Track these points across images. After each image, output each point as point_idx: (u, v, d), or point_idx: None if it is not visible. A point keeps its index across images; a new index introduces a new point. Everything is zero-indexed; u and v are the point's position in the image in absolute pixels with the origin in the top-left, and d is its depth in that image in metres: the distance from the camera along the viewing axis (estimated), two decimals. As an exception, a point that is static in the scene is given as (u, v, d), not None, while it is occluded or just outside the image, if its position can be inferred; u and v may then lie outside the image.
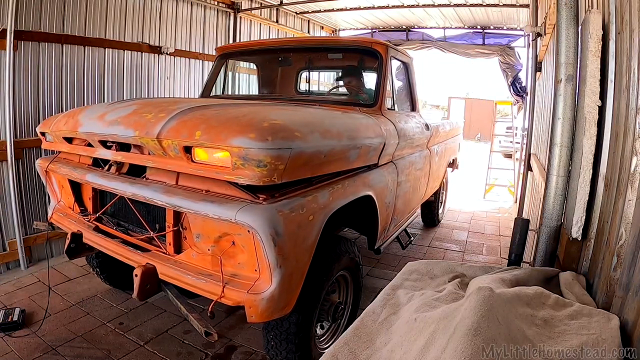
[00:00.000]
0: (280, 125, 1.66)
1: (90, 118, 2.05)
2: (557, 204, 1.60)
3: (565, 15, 1.53)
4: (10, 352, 2.25)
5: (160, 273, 1.81)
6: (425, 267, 1.57)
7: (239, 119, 1.71)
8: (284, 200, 1.61)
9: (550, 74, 3.08)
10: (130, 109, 1.96)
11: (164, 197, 1.70)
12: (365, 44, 3.04)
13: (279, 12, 6.29)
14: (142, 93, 4.29)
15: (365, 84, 3.17)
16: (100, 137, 1.96)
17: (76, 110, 2.36)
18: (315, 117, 2.05)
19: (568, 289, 1.30)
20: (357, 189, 2.11)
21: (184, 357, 2.31)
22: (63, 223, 2.41)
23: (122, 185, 1.89)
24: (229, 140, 1.53)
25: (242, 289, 1.59)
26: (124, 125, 1.84)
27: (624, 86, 1.23)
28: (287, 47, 3.40)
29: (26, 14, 3.18)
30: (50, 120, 2.41)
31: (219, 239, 1.70)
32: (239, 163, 1.52)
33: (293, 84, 3.79)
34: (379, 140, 2.37)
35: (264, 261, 1.55)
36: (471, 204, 6.69)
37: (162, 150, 1.71)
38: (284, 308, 1.67)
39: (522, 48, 6.51)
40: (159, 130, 1.69)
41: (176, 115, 1.76)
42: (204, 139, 1.59)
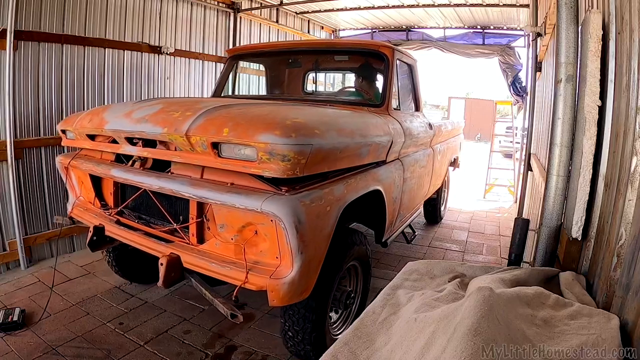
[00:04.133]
0: (301, 124, 1.80)
1: (116, 116, 2.15)
2: (557, 204, 1.60)
3: (565, 15, 1.53)
4: (10, 352, 2.24)
5: (184, 262, 1.93)
6: (425, 267, 1.57)
7: (263, 117, 1.86)
8: (305, 192, 1.74)
9: (550, 74, 3.08)
10: (156, 108, 2.07)
11: (191, 190, 1.82)
12: (372, 46, 3.15)
13: (279, 12, 6.28)
14: (142, 93, 4.29)
15: (372, 85, 3.28)
16: (127, 134, 2.06)
17: (99, 108, 2.47)
18: (330, 116, 2.19)
19: (568, 289, 1.30)
20: (368, 184, 2.24)
21: (184, 357, 2.31)
22: (84, 217, 2.50)
23: (149, 179, 2.00)
24: (256, 137, 1.64)
25: (265, 275, 1.71)
26: (152, 122, 1.95)
27: (624, 86, 1.23)
28: (297, 49, 3.57)
29: (26, 14, 3.18)
30: (72, 118, 2.50)
31: (242, 229, 1.82)
32: (265, 157, 1.63)
33: (302, 84, 3.92)
34: (387, 139, 2.50)
35: (286, 248, 1.67)
36: (471, 204, 6.68)
37: (189, 146, 1.81)
38: (302, 293, 1.78)
39: (522, 48, 6.51)
40: (187, 127, 1.79)
41: (203, 114, 1.87)
42: (231, 135, 1.70)
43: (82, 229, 3.79)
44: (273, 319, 2.75)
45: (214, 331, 2.58)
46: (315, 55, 3.64)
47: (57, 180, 3.59)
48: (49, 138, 3.47)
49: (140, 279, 3.09)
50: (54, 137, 3.51)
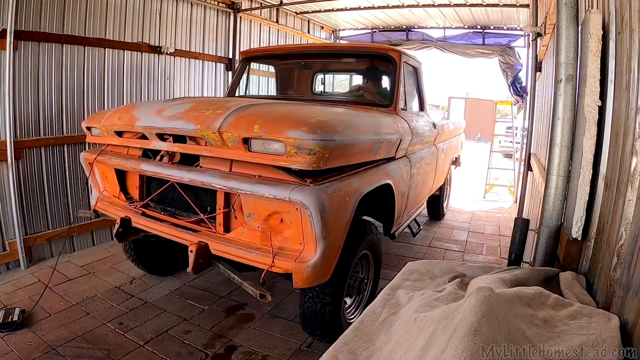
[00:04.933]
0: (325, 122, 1.98)
1: (147, 114, 2.29)
2: (557, 204, 1.60)
3: (565, 15, 1.53)
4: (10, 352, 2.25)
5: (212, 249, 2.08)
6: (425, 267, 1.57)
7: (290, 116, 2.07)
8: (327, 183, 1.92)
9: (550, 74, 3.08)
10: (186, 106, 2.22)
11: (223, 182, 1.97)
12: (381, 50, 3.31)
13: (279, 12, 6.28)
14: (142, 93, 4.29)
15: (381, 86, 3.47)
16: (159, 130, 2.19)
17: (128, 106, 2.67)
18: (348, 115, 2.38)
19: (568, 289, 1.30)
20: (380, 178, 2.43)
21: (184, 357, 2.31)
22: (109, 210, 2.63)
23: (180, 172, 2.15)
24: (285, 133, 1.81)
25: (290, 259, 1.87)
26: (184, 120, 2.09)
27: (624, 86, 1.23)
28: (309, 52, 3.83)
29: (26, 14, 3.18)
30: (98, 116, 2.63)
31: (268, 217, 1.98)
32: (292, 151, 1.80)
33: (312, 85, 4.11)
34: (396, 137, 2.68)
35: (311, 234, 1.83)
36: (471, 204, 6.68)
37: (221, 142, 1.96)
38: (324, 275, 1.95)
39: (522, 48, 6.51)
40: (219, 124, 1.94)
41: (233, 112, 2.02)
42: (262, 131, 1.86)
43: (82, 228, 3.79)
44: (273, 319, 2.76)
45: (214, 331, 2.58)
46: (325, 58, 3.85)
47: (57, 180, 3.59)
48: (49, 138, 3.47)
49: (157, 270, 3.27)
50: (54, 137, 3.51)
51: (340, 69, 4.50)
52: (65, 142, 3.61)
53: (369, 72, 3.62)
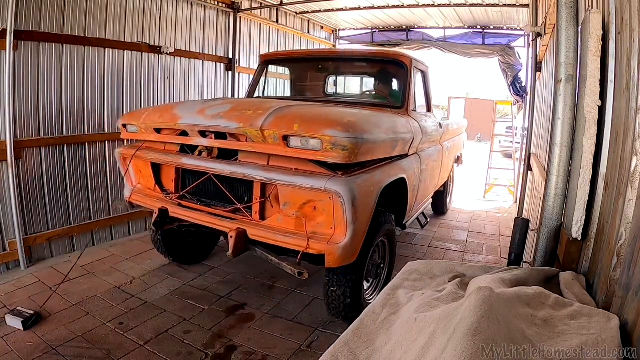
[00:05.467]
0: (355, 122, 2.24)
1: (189, 113, 2.50)
2: (557, 204, 1.60)
3: (565, 15, 1.53)
4: (10, 352, 2.25)
5: (250, 235, 2.31)
6: (425, 267, 1.57)
7: (325, 116, 2.32)
8: (356, 175, 2.19)
9: (550, 74, 3.08)
10: (228, 107, 2.46)
11: (264, 174, 2.21)
12: (393, 56, 3.56)
13: (279, 12, 6.28)
14: (142, 93, 4.29)
15: (393, 89, 3.68)
16: (202, 128, 2.40)
17: (167, 106, 2.91)
18: (372, 116, 2.62)
19: (568, 289, 1.30)
20: (397, 172, 2.69)
21: (184, 357, 2.31)
22: (145, 202, 2.86)
23: (221, 166, 2.38)
24: (322, 131, 2.06)
25: (323, 242, 2.13)
26: (227, 118, 2.32)
27: (624, 86, 1.23)
28: (326, 57, 4.16)
29: (26, 14, 3.18)
30: (136, 114, 2.86)
31: (302, 206, 2.22)
32: (328, 147, 2.04)
33: (329, 88, 4.42)
34: (409, 136, 2.93)
35: (342, 219, 2.08)
36: (471, 204, 6.68)
37: (262, 138, 2.18)
38: (351, 256, 2.20)
39: (522, 48, 6.50)
40: (262, 123, 2.17)
41: (273, 113, 2.25)
42: (301, 130, 2.10)
43: (82, 228, 3.79)
44: (273, 319, 2.76)
45: (214, 331, 2.58)
46: (341, 62, 4.16)
47: (57, 180, 3.59)
48: (49, 138, 3.47)
49: (182, 259, 3.52)
50: (54, 137, 3.51)
51: (355, 72, 4.75)
52: (65, 142, 3.61)
53: (382, 76, 3.88)
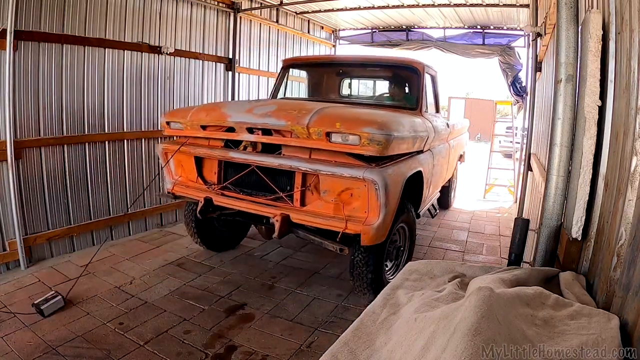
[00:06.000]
0: (386, 121, 2.59)
1: (238, 112, 2.85)
2: (557, 204, 1.60)
3: (565, 15, 1.53)
4: (10, 352, 2.25)
5: (293, 219, 2.67)
6: (425, 267, 1.57)
7: (361, 116, 2.66)
8: (387, 167, 2.54)
9: (550, 74, 3.08)
10: (273, 107, 2.81)
11: (309, 165, 2.58)
12: (408, 62, 3.96)
13: (279, 12, 6.28)
14: (142, 93, 4.29)
15: (408, 92, 4.01)
16: (250, 125, 2.74)
17: (213, 105, 3.31)
18: (398, 117, 2.95)
19: (568, 289, 1.30)
20: (416, 165, 3.02)
21: (184, 357, 2.31)
22: (188, 193, 3.18)
23: (269, 159, 2.71)
24: (360, 129, 2.42)
25: (358, 223, 2.49)
26: (275, 117, 2.66)
27: (624, 86, 1.23)
28: (345, 62, 4.55)
29: (26, 14, 3.18)
30: (181, 112, 3.16)
31: (340, 193, 2.58)
32: (366, 143, 2.39)
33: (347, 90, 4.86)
34: (425, 134, 3.25)
35: (376, 204, 2.44)
36: (471, 204, 6.68)
37: (307, 135, 2.53)
38: (382, 236, 2.56)
39: (522, 48, 6.50)
40: (307, 121, 2.52)
41: (316, 112, 2.61)
42: (343, 127, 2.46)
43: (81, 228, 3.79)
44: (273, 319, 2.76)
45: (214, 331, 2.58)
46: (359, 67, 4.53)
47: (57, 180, 3.59)
48: (49, 138, 3.47)
49: (214, 247, 3.84)
50: (54, 137, 3.51)
51: (372, 76, 5.08)
52: (65, 142, 3.61)
53: (398, 80, 4.25)
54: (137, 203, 4.35)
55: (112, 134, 4.01)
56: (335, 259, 3.91)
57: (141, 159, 4.39)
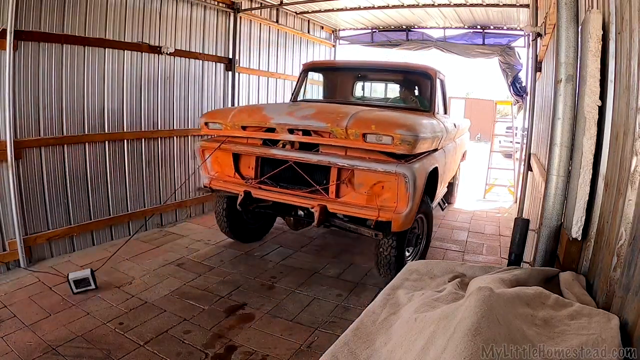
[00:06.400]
0: (414, 124, 2.93)
1: (279, 114, 3.19)
2: (557, 204, 1.60)
3: (565, 15, 1.53)
4: (10, 352, 2.25)
5: (330, 209, 2.99)
6: (425, 267, 1.57)
7: (392, 119, 2.99)
8: (413, 163, 2.89)
9: (550, 74, 3.08)
10: (312, 110, 3.15)
11: (346, 161, 2.91)
12: (422, 68, 4.29)
13: (279, 12, 6.28)
14: (142, 93, 4.29)
15: (422, 95, 4.30)
16: (292, 126, 3.07)
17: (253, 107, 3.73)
18: (421, 119, 3.27)
19: (568, 289, 1.30)
20: (434, 162, 3.36)
21: (184, 357, 2.31)
22: (226, 187, 3.48)
23: (308, 155, 3.05)
24: (394, 130, 2.76)
25: (389, 212, 2.83)
26: (316, 119, 3.01)
27: (624, 86, 1.23)
28: (363, 67, 4.82)
29: (26, 14, 3.18)
30: (220, 113, 3.53)
31: (373, 186, 2.93)
32: (398, 142, 2.73)
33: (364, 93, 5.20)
34: (440, 134, 3.53)
35: (405, 195, 2.79)
36: (471, 204, 6.68)
37: (345, 135, 2.87)
38: (409, 223, 2.90)
39: (522, 48, 6.50)
40: (346, 124, 2.86)
41: (352, 116, 2.94)
42: (377, 129, 2.80)
43: (81, 228, 3.79)
44: (273, 319, 2.76)
45: (214, 331, 2.58)
46: (377, 72, 4.89)
47: (57, 180, 3.59)
48: (49, 138, 3.47)
49: (242, 238, 4.15)
50: (54, 137, 3.51)
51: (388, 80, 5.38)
52: (65, 142, 3.61)
53: (413, 85, 4.58)
54: (137, 203, 4.35)
55: (112, 134, 4.01)
56: (335, 259, 3.91)
57: (141, 159, 4.38)
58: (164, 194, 4.69)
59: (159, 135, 4.53)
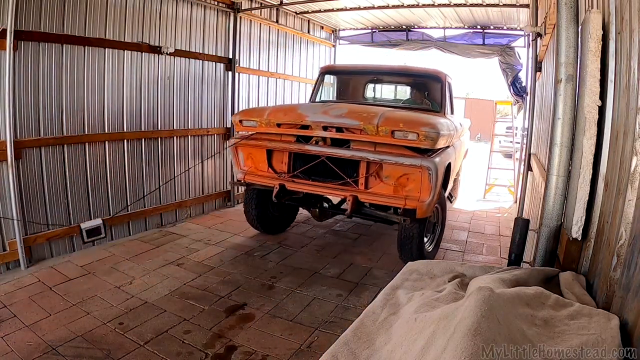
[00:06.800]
0: (435, 123, 3.27)
1: (315, 113, 3.48)
2: (557, 204, 1.60)
3: (565, 15, 1.53)
4: (10, 352, 2.25)
5: (360, 199, 3.32)
6: (425, 267, 1.57)
7: (416, 119, 3.32)
8: (435, 157, 3.21)
9: (550, 74, 3.08)
10: (345, 110, 3.44)
11: (376, 156, 3.22)
12: (433, 72, 4.66)
13: (279, 12, 6.28)
14: (142, 93, 4.29)
15: (433, 97, 4.63)
16: (326, 124, 3.36)
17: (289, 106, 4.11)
18: (436, 118, 3.59)
19: (568, 289, 1.30)
20: (449, 158, 3.70)
21: (184, 357, 2.31)
22: (259, 180, 3.78)
23: (342, 151, 3.34)
24: (419, 128, 3.09)
25: (414, 201, 3.19)
26: (349, 118, 3.30)
27: (624, 86, 1.23)
28: (379, 71, 5.14)
29: (26, 14, 3.18)
30: (255, 112, 3.81)
31: (399, 177, 3.26)
32: (422, 138, 3.07)
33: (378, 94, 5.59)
34: (452, 132, 3.80)
35: (428, 186, 3.12)
36: (471, 204, 6.68)
37: (375, 132, 3.17)
38: (430, 211, 3.28)
39: (522, 48, 6.49)
40: (377, 122, 3.17)
41: (382, 115, 3.25)
42: (405, 127, 3.12)
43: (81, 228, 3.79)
44: (273, 319, 2.76)
45: (214, 331, 2.58)
46: (392, 75, 5.27)
47: (57, 180, 3.59)
48: (49, 138, 3.47)
49: (268, 230, 4.45)
50: (54, 137, 3.51)
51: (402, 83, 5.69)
52: (65, 142, 3.61)
53: (425, 87, 4.87)
54: (137, 203, 4.35)
55: (112, 134, 4.01)
56: (335, 259, 3.91)
57: (141, 159, 4.38)
58: (164, 194, 4.69)
59: (159, 135, 4.53)
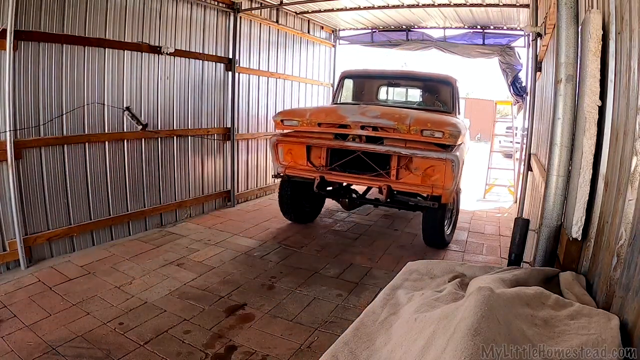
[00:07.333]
0: (456, 123, 3.80)
1: (354, 114, 3.94)
2: (557, 204, 1.60)
3: (565, 15, 1.53)
4: (10, 352, 2.25)
5: (393, 187, 3.87)
6: (425, 267, 1.57)
7: (441, 119, 3.89)
8: (455, 151, 3.68)
9: (550, 74, 3.08)
10: (379, 112, 3.94)
11: (408, 151, 3.72)
12: (444, 77, 5.17)
13: (279, 12, 6.28)
14: (142, 93, 4.29)
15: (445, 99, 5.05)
16: (364, 124, 3.82)
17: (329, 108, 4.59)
18: (454, 119, 4.14)
19: (568, 289, 1.30)
20: (464, 154, 4.11)
21: (184, 357, 2.31)
22: (299, 173, 4.26)
23: (377, 147, 3.82)
24: (444, 127, 3.60)
25: (439, 189, 3.70)
26: (385, 118, 3.80)
27: (624, 86, 1.23)
28: (395, 75, 5.79)
29: (26, 14, 3.18)
30: (296, 112, 4.39)
31: (426, 169, 3.73)
32: (447, 136, 3.56)
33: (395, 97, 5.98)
34: (464, 131, 4.13)
35: (451, 176, 3.61)
36: (471, 204, 6.68)
37: (407, 131, 3.66)
38: (452, 198, 3.89)
39: (522, 48, 6.50)
40: (409, 122, 3.67)
41: (412, 116, 3.77)
42: (432, 126, 3.63)
43: (81, 228, 3.79)
44: (273, 319, 2.76)
45: (214, 331, 2.58)
46: (407, 80, 5.76)
47: (57, 180, 3.59)
48: (49, 138, 3.47)
49: (299, 220, 4.97)
50: (54, 137, 3.51)
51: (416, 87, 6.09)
52: (65, 142, 3.61)
53: (437, 90, 5.27)
54: (137, 203, 4.35)
55: (112, 134, 4.01)
56: (335, 259, 3.91)
57: (141, 159, 4.38)
58: (164, 194, 4.69)
59: (159, 135, 4.53)
